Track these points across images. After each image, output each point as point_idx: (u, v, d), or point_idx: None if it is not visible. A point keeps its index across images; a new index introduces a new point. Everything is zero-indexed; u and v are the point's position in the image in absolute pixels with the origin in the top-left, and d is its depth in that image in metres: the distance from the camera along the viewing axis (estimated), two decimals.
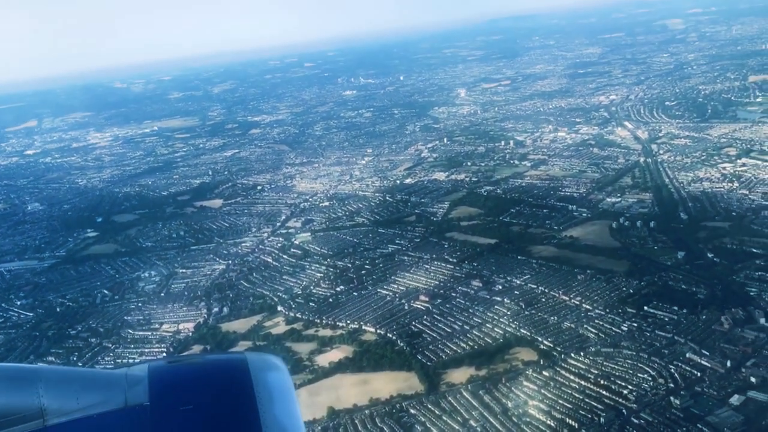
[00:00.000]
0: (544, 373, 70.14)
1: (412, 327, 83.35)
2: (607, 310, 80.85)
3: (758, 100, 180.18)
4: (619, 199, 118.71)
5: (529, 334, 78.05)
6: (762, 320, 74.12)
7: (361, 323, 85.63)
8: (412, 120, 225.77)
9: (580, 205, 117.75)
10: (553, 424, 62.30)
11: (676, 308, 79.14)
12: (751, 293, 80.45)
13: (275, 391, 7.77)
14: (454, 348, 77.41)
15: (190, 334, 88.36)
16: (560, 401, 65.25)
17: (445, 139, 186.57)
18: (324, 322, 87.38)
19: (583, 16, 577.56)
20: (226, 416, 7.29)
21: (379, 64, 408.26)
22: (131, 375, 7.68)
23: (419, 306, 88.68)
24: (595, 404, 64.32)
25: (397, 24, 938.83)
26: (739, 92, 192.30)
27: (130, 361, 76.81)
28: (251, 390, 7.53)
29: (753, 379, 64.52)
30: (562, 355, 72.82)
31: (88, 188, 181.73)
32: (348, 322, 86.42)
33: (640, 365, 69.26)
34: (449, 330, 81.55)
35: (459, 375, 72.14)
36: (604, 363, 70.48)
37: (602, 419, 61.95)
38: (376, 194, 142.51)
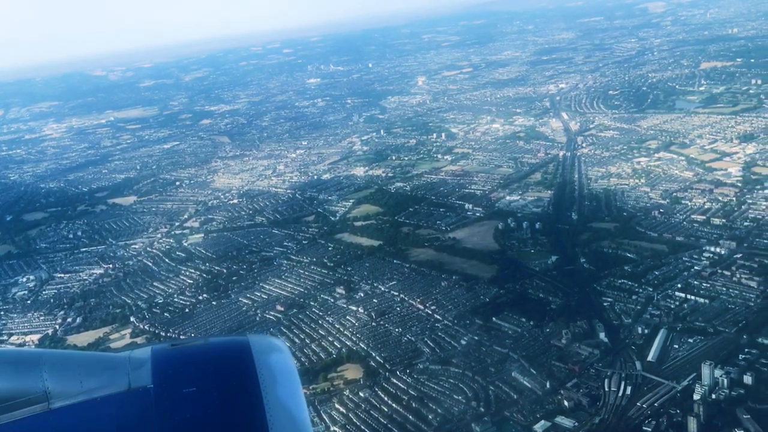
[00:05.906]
0: (361, 394, 66.17)
1: None
2: (455, 321, 76.83)
3: (701, 88, 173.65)
4: (518, 197, 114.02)
5: (365, 348, 74.15)
6: (602, 335, 70.02)
7: (206, 336, 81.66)
8: (361, 110, 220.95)
9: (478, 204, 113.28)
10: None
11: (524, 320, 75.30)
12: (605, 303, 76.22)
13: (278, 373, 7.57)
14: None
15: (33, 347, 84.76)
16: (363, 427, 61.34)
17: (382, 131, 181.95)
18: (168, 335, 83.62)
19: None
20: (230, 398, 7.11)
21: (354, 51, 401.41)
22: (134, 358, 7.55)
23: (271, 316, 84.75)
24: (396, 431, 60.30)
25: (392, 8, 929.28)
26: (685, 80, 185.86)
27: None
28: (254, 372, 7.36)
29: (566, 403, 60.45)
30: (387, 374, 68.87)
31: (16, 184, 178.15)
32: (192, 335, 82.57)
33: (461, 385, 65.23)
34: (288, 344, 77.53)
35: None
36: (426, 382, 66.48)
37: None
38: (288, 191, 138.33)
